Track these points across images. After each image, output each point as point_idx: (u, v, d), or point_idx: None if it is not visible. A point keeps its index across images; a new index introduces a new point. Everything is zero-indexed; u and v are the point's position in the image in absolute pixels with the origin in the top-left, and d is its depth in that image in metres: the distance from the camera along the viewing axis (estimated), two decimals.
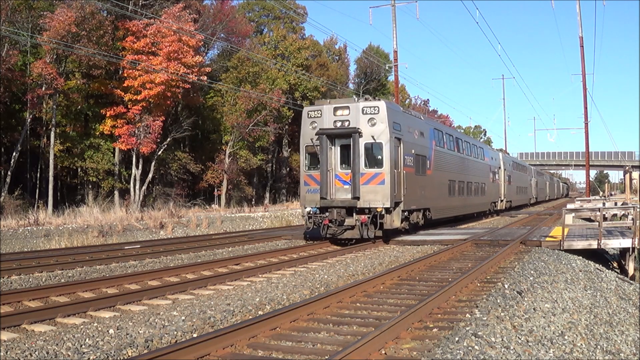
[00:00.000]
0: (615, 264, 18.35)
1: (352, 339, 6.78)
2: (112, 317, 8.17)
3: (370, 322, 7.80)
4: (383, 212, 17.02)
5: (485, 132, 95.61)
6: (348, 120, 17.50)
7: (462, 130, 76.72)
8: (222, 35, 47.18)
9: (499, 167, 38.01)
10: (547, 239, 17.13)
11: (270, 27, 58.42)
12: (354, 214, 17.10)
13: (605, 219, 19.99)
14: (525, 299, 9.17)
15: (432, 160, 21.84)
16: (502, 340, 6.69)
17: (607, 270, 14.84)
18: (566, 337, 7.54)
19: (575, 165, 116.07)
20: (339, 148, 17.85)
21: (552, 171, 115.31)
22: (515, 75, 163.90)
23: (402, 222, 18.40)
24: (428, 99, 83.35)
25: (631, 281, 14.50)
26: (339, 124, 17.62)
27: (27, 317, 7.85)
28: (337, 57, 62.96)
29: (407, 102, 69.61)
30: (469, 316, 7.77)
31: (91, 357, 6.30)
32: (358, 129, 17.22)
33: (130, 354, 6.48)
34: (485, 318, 7.61)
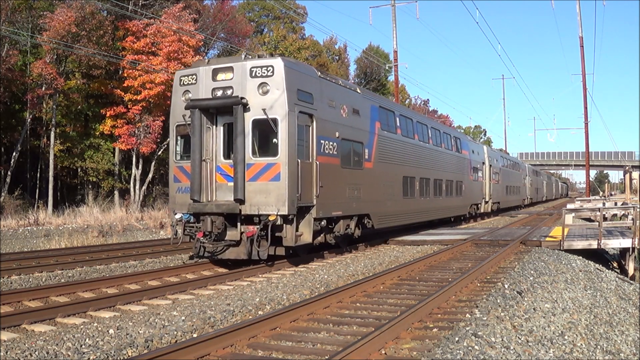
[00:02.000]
0: (615, 264, 18.36)
1: (352, 339, 6.78)
2: (112, 317, 8.17)
3: (370, 322, 7.80)
4: (279, 221, 11.98)
5: (485, 132, 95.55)
6: (231, 87, 12.46)
7: (462, 130, 76.56)
8: (222, 35, 47.18)
9: (482, 163, 32.71)
10: (547, 239, 17.14)
11: (270, 27, 58.48)
12: (239, 223, 12.35)
13: (605, 219, 20.02)
14: (525, 299, 9.17)
15: (375, 148, 16.71)
16: (502, 340, 6.69)
17: (607, 270, 14.85)
18: (566, 337, 7.53)
19: (575, 165, 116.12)
20: (222, 128, 12.98)
21: (552, 171, 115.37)
22: (515, 75, 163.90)
23: (317, 236, 13.52)
24: (428, 99, 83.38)
25: (631, 281, 14.50)
26: (218, 93, 12.60)
27: (27, 317, 7.85)
28: (337, 57, 63.02)
29: (407, 102, 69.64)
30: (469, 316, 7.77)
31: (91, 357, 6.30)
32: (242, 98, 12.14)
33: (130, 354, 6.48)
34: (485, 318, 7.61)
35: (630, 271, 15.67)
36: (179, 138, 13.51)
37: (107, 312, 8.52)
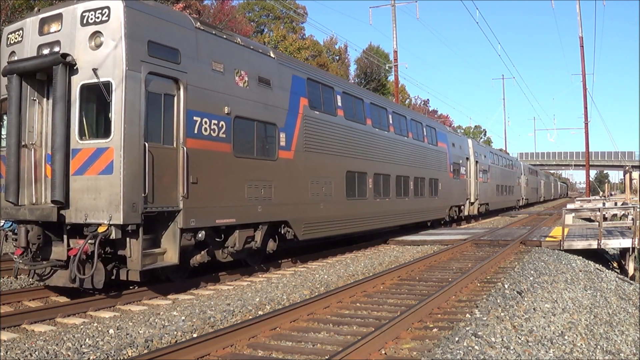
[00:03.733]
0: (615, 264, 18.35)
1: (352, 339, 6.78)
2: (112, 317, 8.17)
3: (370, 322, 7.81)
4: (114, 234, 8.59)
5: (485, 132, 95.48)
6: (59, 42, 9.16)
7: (462, 131, 76.47)
8: None
9: (466, 158, 28.91)
10: (547, 239, 17.14)
11: (270, 27, 58.47)
12: (65, 235, 9.05)
13: (605, 219, 20.02)
14: (525, 299, 9.17)
15: (298, 133, 12.96)
16: (502, 340, 6.69)
17: (607, 270, 14.85)
18: (566, 337, 7.54)
19: (575, 165, 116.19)
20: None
21: (552, 171, 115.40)
22: (515, 75, 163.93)
23: (193, 253, 10.22)
24: (428, 99, 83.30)
25: (631, 281, 14.50)
26: (45, 51, 9.26)
27: (27, 317, 7.85)
28: (337, 57, 63.04)
29: (407, 102, 69.66)
30: (469, 316, 7.77)
31: (91, 357, 6.30)
32: (64, 55, 8.80)
33: (130, 354, 6.49)
34: (485, 318, 7.61)
35: (630, 271, 15.68)
36: (3, 116, 9.68)
37: (107, 312, 8.52)
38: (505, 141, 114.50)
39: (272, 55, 12.65)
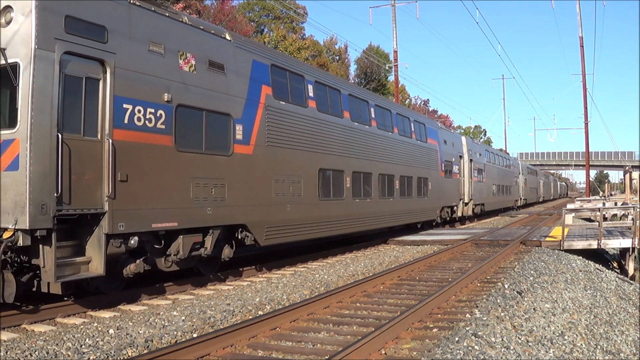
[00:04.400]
0: (615, 264, 18.35)
1: (352, 339, 6.78)
2: (112, 317, 8.17)
3: (370, 322, 7.81)
4: (22, 241, 7.53)
5: (485, 132, 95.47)
6: None
7: (462, 130, 76.42)
8: None
9: (460, 156, 27.57)
10: (547, 239, 17.14)
11: (270, 27, 58.48)
12: None
13: (605, 219, 20.03)
14: (525, 299, 9.17)
15: (258, 126, 11.68)
16: (502, 340, 6.69)
17: (607, 270, 14.85)
18: (566, 337, 7.54)
19: (575, 165, 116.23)
20: None
21: (552, 171, 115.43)
22: (515, 75, 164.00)
23: (126, 262, 9.06)
24: (428, 99, 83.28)
25: (631, 281, 14.50)
26: None
27: (27, 317, 7.85)
28: (337, 57, 63.06)
29: (407, 102, 69.68)
30: (469, 316, 7.77)
31: (91, 357, 6.30)
32: None
33: (130, 354, 6.49)
34: (485, 318, 7.61)
35: (630, 271, 15.68)
36: None
37: (107, 312, 8.52)
38: (505, 141, 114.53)
39: (227, 37, 11.28)
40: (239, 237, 11.32)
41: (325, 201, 14.35)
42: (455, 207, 26.40)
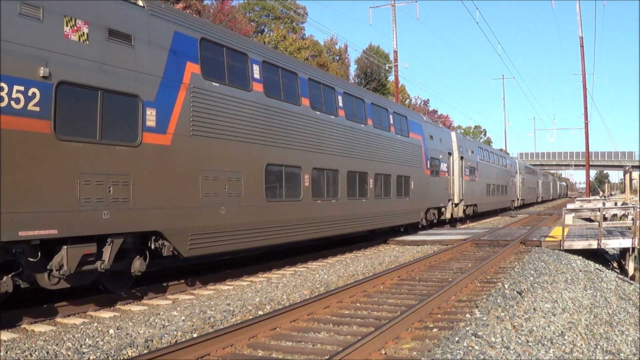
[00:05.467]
0: (615, 264, 18.36)
1: (352, 339, 6.79)
2: (112, 317, 8.18)
3: (370, 322, 7.81)
4: None
5: (485, 132, 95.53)
6: None
7: (462, 130, 76.40)
8: None
9: (449, 153, 25.61)
10: (547, 239, 17.15)
11: (271, 27, 58.49)
12: None
13: (605, 219, 20.03)
14: (525, 299, 9.18)
15: (180, 110, 9.78)
16: (502, 340, 6.69)
17: (607, 270, 14.85)
18: (566, 337, 7.54)
19: (575, 165, 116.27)
20: None
21: (552, 171, 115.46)
22: (515, 75, 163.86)
23: None
24: (428, 99, 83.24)
25: (631, 281, 14.51)
26: None
27: (27, 317, 7.85)
28: (337, 57, 63.10)
29: (407, 102, 69.69)
30: (469, 316, 7.78)
31: (91, 357, 6.30)
32: None
33: (130, 354, 6.49)
34: (485, 318, 7.61)
35: (630, 271, 15.68)
36: None
37: (107, 312, 8.52)
38: (505, 141, 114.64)
39: (140, 3, 9.39)
40: (153, 246, 9.39)
41: (274, 203, 12.33)
42: (443, 209, 24.43)
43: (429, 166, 22.30)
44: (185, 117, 9.86)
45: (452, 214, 25.75)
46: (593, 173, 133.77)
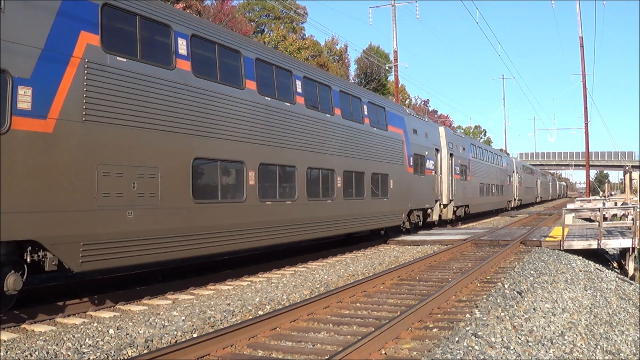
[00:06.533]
0: (615, 264, 18.37)
1: (352, 339, 6.79)
2: (112, 317, 8.18)
3: (370, 322, 7.81)
4: None
5: (485, 132, 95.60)
6: None
7: (462, 130, 76.41)
8: None
9: (436, 150, 23.79)
10: (547, 239, 17.15)
11: (271, 27, 58.50)
12: None
13: (605, 219, 20.03)
14: (525, 299, 9.18)
15: (69, 91, 8.06)
16: (502, 340, 6.69)
17: (607, 270, 14.85)
18: (566, 337, 7.54)
19: (575, 165, 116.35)
20: None
21: (552, 171, 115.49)
22: (515, 75, 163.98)
23: None
24: (428, 99, 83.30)
25: (631, 281, 14.51)
26: None
27: (27, 317, 7.85)
28: (337, 57, 63.13)
29: (407, 102, 69.71)
30: (469, 316, 7.77)
31: (91, 357, 6.30)
32: None
33: (130, 354, 6.49)
34: (485, 318, 7.61)
35: (630, 271, 15.69)
36: None
37: (107, 312, 8.52)
38: (505, 141, 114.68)
39: None
40: (29, 259, 7.60)
41: (206, 205, 10.39)
42: (429, 210, 22.55)
43: (411, 163, 20.49)
44: (76, 99, 8.03)
45: (440, 216, 24.18)
46: (593, 173, 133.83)
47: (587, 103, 45.06)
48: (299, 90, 13.63)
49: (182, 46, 10.06)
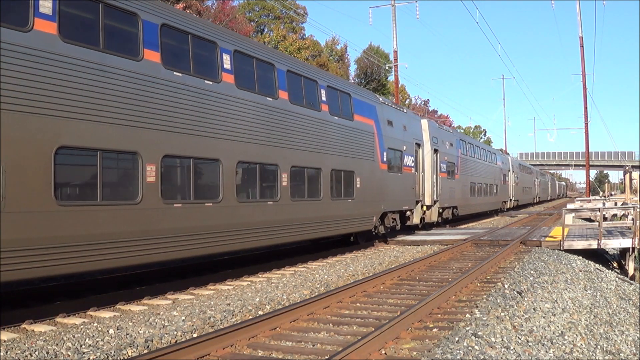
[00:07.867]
0: (615, 264, 18.37)
1: (352, 339, 6.79)
2: (112, 317, 8.17)
3: (370, 322, 7.80)
4: None
5: (485, 132, 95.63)
6: None
7: (462, 130, 76.44)
8: None
9: (418, 145, 21.18)
10: (547, 239, 17.15)
11: (271, 27, 58.51)
12: None
13: (605, 219, 20.03)
14: (525, 299, 9.17)
15: None
16: (502, 340, 6.69)
17: (607, 270, 14.84)
18: (566, 337, 7.54)
19: (575, 165, 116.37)
20: None
21: (552, 171, 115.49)
22: (515, 75, 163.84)
23: None
24: (428, 99, 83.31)
25: (631, 281, 14.51)
26: None
27: (27, 317, 7.85)
28: (337, 57, 63.12)
29: (407, 102, 69.71)
30: (469, 316, 7.77)
31: (91, 357, 6.30)
32: None
33: (130, 354, 6.49)
34: (485, 318, 7.61)
35: (630, 271, 15.69)
36: None
37: (107, 312, 8.52)
38: (505, 141, 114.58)
39: None
40: None
41: (79, 208, 7.98)
42: (409, 212, 19.92)
43: (385, 159, 17.84)
44: None
45: (422, 219, 21.69)
46: (593, 173, 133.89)
47: (587, 103, 45.11)
48: (229, 66, 10.90)
49: (46, 6, 7.57)
